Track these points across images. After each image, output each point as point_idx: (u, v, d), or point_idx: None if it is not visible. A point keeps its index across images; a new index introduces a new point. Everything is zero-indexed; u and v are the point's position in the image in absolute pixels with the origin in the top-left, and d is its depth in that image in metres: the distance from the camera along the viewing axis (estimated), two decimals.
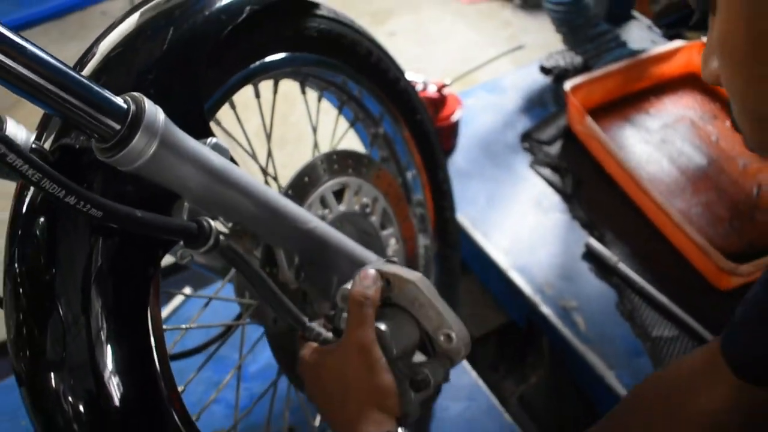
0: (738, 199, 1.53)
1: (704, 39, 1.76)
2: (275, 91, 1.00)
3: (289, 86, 1.05)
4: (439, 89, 1.61)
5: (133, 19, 0.77)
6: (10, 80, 0.55)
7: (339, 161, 1.01)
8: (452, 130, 1.67)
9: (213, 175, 0.71)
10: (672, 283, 1.39)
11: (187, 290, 1.48)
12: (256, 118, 0.98)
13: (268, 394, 0.98)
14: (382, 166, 1.10)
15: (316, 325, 0.83)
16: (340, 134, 1.16)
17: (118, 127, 0.62)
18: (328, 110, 1.13)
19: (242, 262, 0.75)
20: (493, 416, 1.30)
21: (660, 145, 1.66)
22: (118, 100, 0.62)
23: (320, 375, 0.78)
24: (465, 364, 1.35)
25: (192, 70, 0.77)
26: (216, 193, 0.73)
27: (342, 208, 0.99)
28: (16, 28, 0.54)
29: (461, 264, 1.33)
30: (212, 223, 0.71)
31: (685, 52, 1.78)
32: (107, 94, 0.61)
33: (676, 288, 1.38)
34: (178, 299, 1.46)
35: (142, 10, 0.78)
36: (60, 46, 2.25)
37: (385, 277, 0.80)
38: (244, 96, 0.90)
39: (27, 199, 0.71)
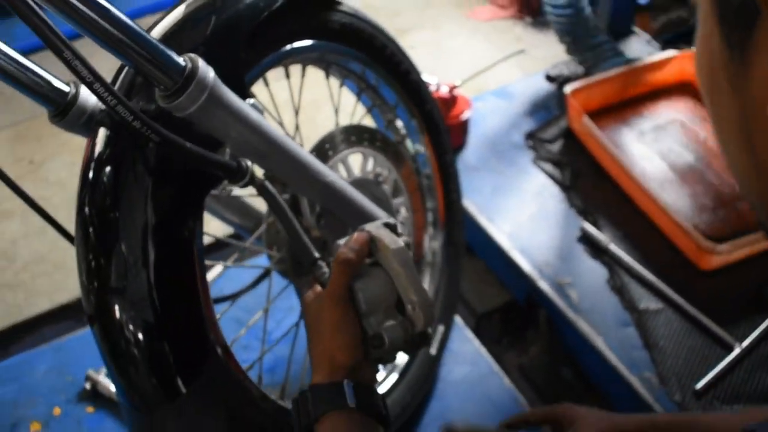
0: (723, 191, 1.67)
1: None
2: (303, 75, 1.17)
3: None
4: (450, 90, 1.78)
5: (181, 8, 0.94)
6: (103, 37, 0.72)
7: (357, 134, 1.17)
8: (462, 128, 1.83)
9: (250, 126, 0.87)
10: (658, 262, 1.53)
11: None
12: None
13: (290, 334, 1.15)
14: (396, 143, 1.26)
15: (325, 265, 0.90)
16: (358, 117, 1.32)
17: (177, 79, 0.78)
18: (349, 97, 1.29)
19: (271, 196, 0.90)
20: (494, 381, 1.43)
21: (652, 143, 1.81)
22: (180, 59, 0.79)
23: (308, 315, 0.84)
24: (468, 332, 1.49)
25: (234, 45, 0.93)
26: (252, 142, 0.88)
27: (357, 173, 1.15)
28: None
29: (465, 242, 1.48)
30: (249, 163, 0.88)
31: (677, 61, 1.93)
32: (172, 53, 0.78)
33: (662, 266, 1.52)
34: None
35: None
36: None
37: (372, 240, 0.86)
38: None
39: (96, 152, 0.87)
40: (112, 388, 1.31)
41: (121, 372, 0.87)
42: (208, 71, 0.80)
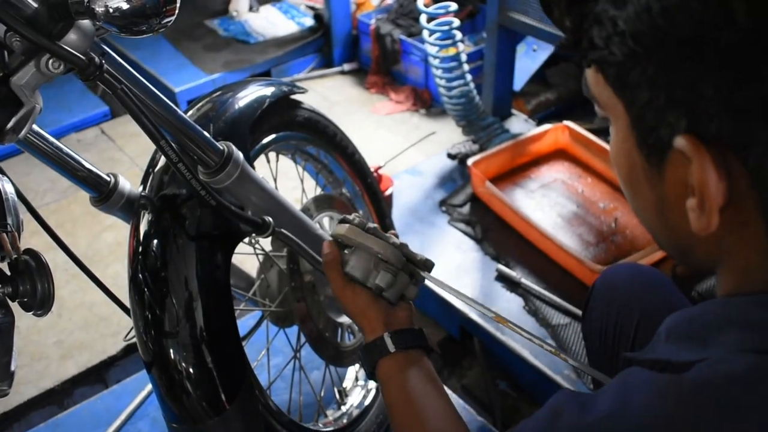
0: (601, 229, 2.09)
1: (566, 123, 2.38)
2: (277, 160, 1.49)
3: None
4: (376, 170, 2.13)
5: (197, 108, 1.24)
6: (170, 129, 1.00)
7: (325, 201, 1.49)
8: (388, 201, 2.18)
9: (266, 192, 1.17)
10: (560, 288, 1.90)
11: None
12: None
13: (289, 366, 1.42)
14: (352, 203, 1.59)
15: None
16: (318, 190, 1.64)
17: (217, 159, 1.08)
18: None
19: (289, 238, 1.19)
20: None
21: (541, 199, 2.22)
22: (219, 145, 1.09)
23: (341, 307, 1.09)
24: None
25: (243, 134, 1.24)
26: (267, 204, 1.18)
27: (330, 231, 1.46)
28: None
29: None
30: (270, 219, 1.17)
31: (552, 133, 2.38)
32: (213, 141, 1.08)
33: (564, 291, 1.89)
34: None
35: (205, 101, 1.26)
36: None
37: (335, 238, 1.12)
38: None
39: (142, 229, 1.11)
40: None
41: (175, 401, 1.09)
42: (239, 153, 1.10)
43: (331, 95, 3.14)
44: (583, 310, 1.22)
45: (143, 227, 1.11)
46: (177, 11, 0.84)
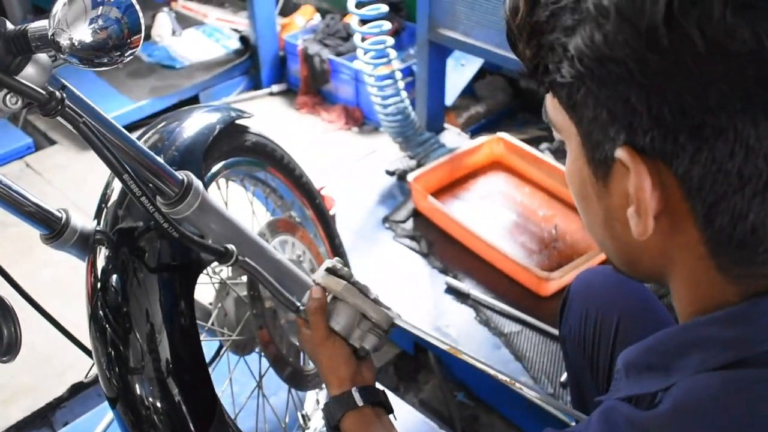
0: (543, 236, 2.14)
1: (500, 135, 2.44)
2: (227, 187, 1.47)
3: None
4: (319, 191, 2.12)
5: (144, 141, 1.21)
6: (127, 159, 0.98)
7: (277, 225, 1.48)
8: (332, 221, 2.17)
9: (226, 220, 1.16)
10: (509, 297, 1.94)
11: None
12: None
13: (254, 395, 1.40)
14: (302, 226, 1.58)
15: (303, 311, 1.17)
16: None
17: (177, 190, 1.06)
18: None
19: (252, 267, 1.18)
20: (404, 412, 1.72)
21: (482, 210, 2.26)
22: (179, 174, 1.07)
23: (308, 352, 1.13)
24: None
25: (198, 162, 1.22)
26: (227, 232, 1.17)
27: (287, 255, 1.45)
28: None
29: None
30: (233, 247, 1.15)
31: (487, 145, 2.43)
32: (173, 171, 1.06)
33: (513, 299, 1.93)
34: None
35: (152, 132, 1.24)
36: None
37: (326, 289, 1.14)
38: None
39: (100, 265, 1.07)
40: None
41: None
42: (198, 183, 1.08)
43: (261, 117, 3.11)
44: (560, 313, 1.25)
45: (101, 263, 1.08)
46: (141, 43, 0.83)
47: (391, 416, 1.06)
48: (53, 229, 1.13)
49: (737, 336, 0.57)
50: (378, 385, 1.08)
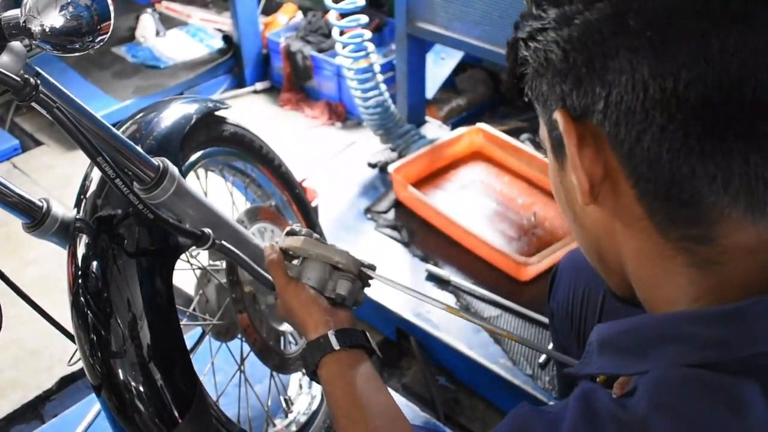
0: (522, 223, 2.18)
1: (480, 125, 2.47)
2: (206, 177, 1.50)
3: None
4: (300, 182, 2.15)
5: (122, 131, 1.24)
6: (102, 145, 1.00)
7: (256, 212, 1.51)
8: (315, 212, 2.20)
9: (202, 205, 1.19)
10: (489, 283, 1.98)
11: None
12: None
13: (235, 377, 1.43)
14: (281, 213, 1.61)
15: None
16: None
17: (153, 175, 1.09)
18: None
19: (230, 250, 1.21)
20: None
21: (462, 200, 2.30)
22: (154, 160, 1.10)
23: (281, 309, 1.13)
24: None
25: (174, 150, 1.25)
26: (204, 216, 1.20)
27: (266, 242, 1.48)
28: None
29: None
30: (209, 231, 1.18)
31: (467, 136, 2.47)
32: (149, 156, 1.09)
33: (493, 285, 1.97)
34: None
35: (130, 122, 1.27)
36: None
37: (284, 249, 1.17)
38: None
39: (80, 252, 1.10)
40: None
41: (127, 420, 1.08)
42: (174, 168, 1.11)
43: (245, 114, 3.15)
44: (549, 288, 1.27)
45: (81, 250, 1.11)
46: (111, 29, 0.86)
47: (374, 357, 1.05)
48: (34, 218, 1.15)
49: (721, 337, 0.56)
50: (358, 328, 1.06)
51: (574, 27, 0.57)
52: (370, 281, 1.15)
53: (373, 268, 1.14)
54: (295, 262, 1.14)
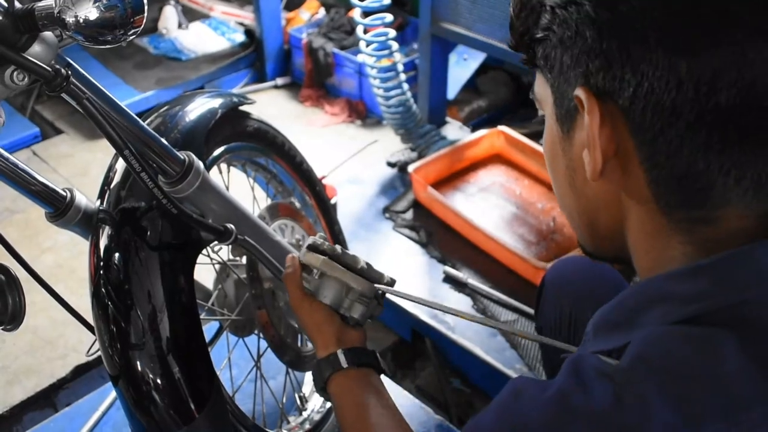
0: (541, 228, 2.17)
1: (501, 128, 2.46)
2: (228, 171, 1.50)
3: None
4: (320, 180, 2.15)
5: (147, 123, 1.23)
6: (130, 138, 1.00)
7: (277, 209, 1.51)
8: (333, 210, 2.20)
9: (226, 200, 1.19)
10: (506, 286, 1.97)
11: None
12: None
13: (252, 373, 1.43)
14: (302, 212, 1.61)
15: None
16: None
17: (178, 169, 1.09)
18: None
19: (251, 245, 1.21)
20: (401, 399, 1.75)
21: (480, 202, 2.29)
22: (180, 154, 1.10)
23: (298, 320, 1.14)
24: None
25: (199, 144, 1.25)
26: (227, 212, 1.20)
27: (286, 239, 1.48)
28: None
29: None
30: (232, 226, 1.18)
31: (487, 138, 2.46)
32: (174, 150, 1.09)
33: (509, 288, 1.96)
34: None
35: (155, 115, 1.27)
36: None
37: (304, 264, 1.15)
38: None
39: (102, 243, 1.10)
40: None
41: (144, 412, 1.08)
42: (199, 163, 1.11)
43: (265, 110, 3.15)
44: (536, 305, 1.27)
45: (104, 242, 1.10)
46: (144, 22, 0.85)
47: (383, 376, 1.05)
48: (58, 207, 1.15)
49: (700, 290, 0.59)
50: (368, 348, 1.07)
51: (618, 13, 0.59)
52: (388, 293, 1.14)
53: (391, 283, 1.14)
54: (314, 272, 1.13)
